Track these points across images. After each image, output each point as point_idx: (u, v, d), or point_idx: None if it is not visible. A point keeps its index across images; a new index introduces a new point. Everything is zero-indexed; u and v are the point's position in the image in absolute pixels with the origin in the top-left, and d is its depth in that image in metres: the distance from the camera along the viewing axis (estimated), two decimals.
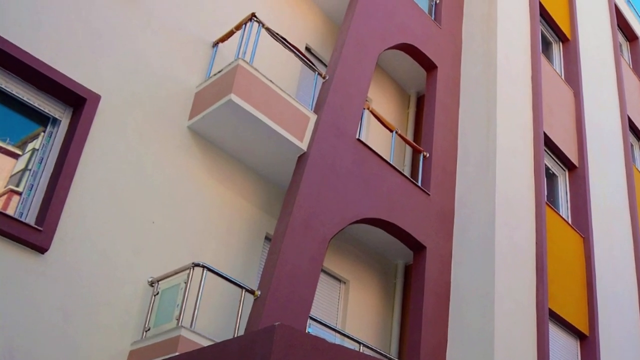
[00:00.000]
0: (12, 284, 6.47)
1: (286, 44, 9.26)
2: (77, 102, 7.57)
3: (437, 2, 12.48)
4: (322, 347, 5.92)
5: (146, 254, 7.60)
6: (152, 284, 7.50)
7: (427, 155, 10.70)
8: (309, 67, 9.52)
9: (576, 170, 12.97)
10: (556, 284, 10.83)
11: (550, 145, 12.46)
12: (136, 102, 8.05)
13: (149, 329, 7.22)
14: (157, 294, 7.42)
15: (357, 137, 9.47)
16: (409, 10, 11.49)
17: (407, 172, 11.30)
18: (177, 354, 6.63)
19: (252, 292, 7.60)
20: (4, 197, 7.04)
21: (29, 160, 7.30)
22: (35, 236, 6.67)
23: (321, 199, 8.55)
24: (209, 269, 7.35)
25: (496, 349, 8.97)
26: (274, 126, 8.42)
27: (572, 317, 11.06)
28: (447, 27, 12.27)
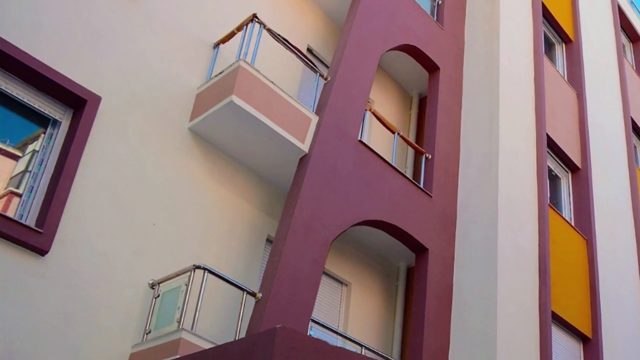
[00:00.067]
0: (12, 286, 6.45)
1: (287, 45, 9.25)
2: (78, 103, 7.56)
3: (440, 3, 12.46)
4: (323, 350, 5.94)
5: (147, 256, 7.59)
6: (152, 286, 7.49)
7: (429, 156, 10.68)
8: (311, 68, 9.51)
9: (579, 172, 12.94)
10: (559, 287, 10.80)
11: (553, 146, 12.43)
12: (137, 104, 8.04)
13: (149, 332, 7.20)
14: (158, 296, 7.40)
15: (359, 138, 9.45)
16: (411, 11, 11.47)
17: (409, 173, 11.28)
18: (178, 356, 6.61)
19: (253, 294, 7.58)
20: (4, 199, 7.03)
21: (29, 162, 7.28)
22: (35, 238, 6.65)
23: (323, 200, 8.53)
24: (210, 271, 7.33)
25: (499, 352, 8.95)
26: (275, 128, 8.40)
27: (575, 320, 11.04)
28: (449, 28, 12.25)
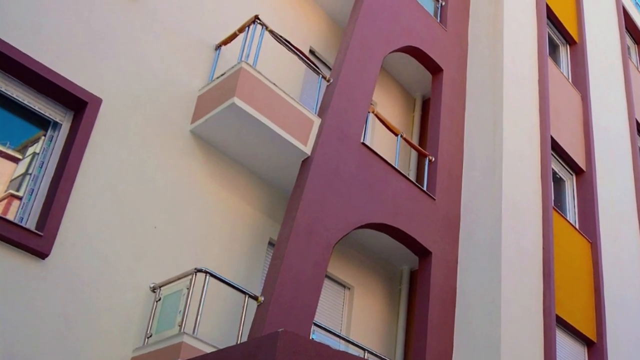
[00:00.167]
0: (12, 289, 6.44)
1: (290, 46, 9.24)
2: (78, 105, 7.54)
3: (443, 4, 12.42)
4: (326, 354, 5.95)
5: (148, 260, 7.57)
6: (154, 290, 7.47)
7: (433, 159, 10.66)
8: (313, 70, 9.50)
9: (584, 174, 12.90)
10: (563, 290, 10.77)
11: (557, 149, 12.40)
12: (138, 106, 8.02)
13: (150, 336, 7.18)
14: (159, 299, 7.38)
15: (362, 141, 9.43)
16: (414, 12, 11.44)
17: (412, 176, 11.26)
18: None
19: (255, 298, 7.56)
20: (4, 202, 7.01)
21: (30, 164, 7.26)
22: (35, 241, 6.63)
23: (325, 203, 8.51)
24: (212, 275, 7.31)
25: (503, 356, 8.92)
26: (277, 130, 8.38)
27: (580, 324, 11.00)
28: (452, 29, 12.22)
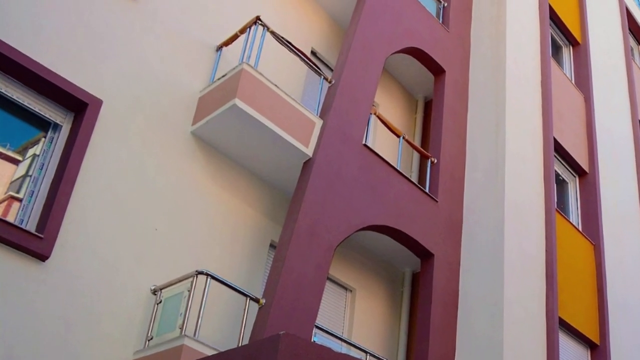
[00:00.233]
0: (12, 292, 6.42)
1: (291, 47, 9.22)
2: (79, 107, 7.52)
3: (445, 5, 12.40)
4: (328, 357, 5.93)
5: (149, 262, 7.55)
6: (154, 292, 7.45)
7: (435, 161, 10.63)
8: (315, 71, 9.48)
9: (587, 176, 12.88)
10: (566, 292, 10.75)
11: (560, 150, 12.38)
12: (139, 107, 8.01)
13: (151, 338, 7.16)
14: (160, 302, 7.36)
15: (364, 142, 9.40)
16: (417, 13, 11.42)
17: (414, 178, 11.24)
18: None
19: (256, 300, 7.55)
20: (4, 204, 7.00)
21: (30, 166, 7.25)
22: (35, 243, 6.62)
23: (327, 205, 8.49)
24: (213, 277, 7.29)
25: (505, 359, 8.90)
26: (279, 131, 8.36)
27: (583, 326, 10.98)
28: (455, 30, 12.19)
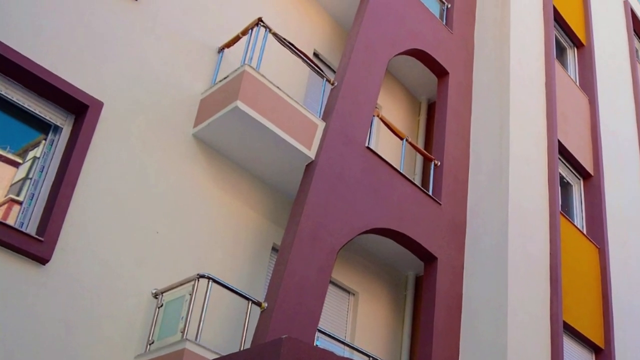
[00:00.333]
0: (12, 295, 6.41)
1: (293, 49, 9.21)
2: (79, 109, 7.51)
3: (449, 6, 12.37)
4: None
5: (150, 265, 7.54)
6: (156, 296, 7.43)
7: (439, 163, 10.60)
8: (317, 73, 9.47)
9: (591, 179, 12.84)
10: (571, 296, 10.70)
11: (564, 153, 12.34)
12: (140, 109, 8.00)
13: (152, 342, 7.15)
14: (161, 306, 7.34)
15: (367, 145, 9.39)
16: (420, 14, 11.39)
17: (417, 181, 11.22)
18: None
19: (258, 304, 7.53)
20: (4, 207, 7.00)
21: (30, 168, 7.24)
22: (36, 247, 6.60)
23: (330, 208, 8.46)
24: (215, 281, 7.27)
25: None
26: (281, 134, 8.34)
27: (587, 330, 10.94)
28: (458, 32, 12.16)
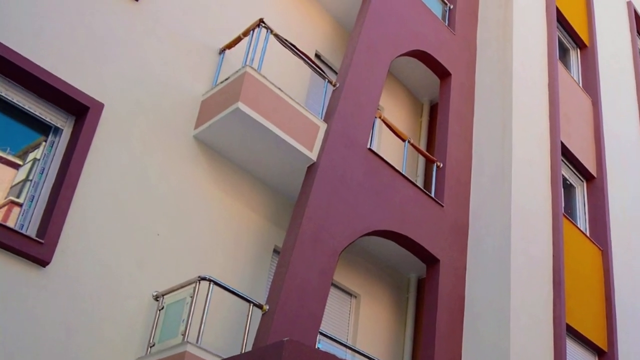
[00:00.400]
0: (12, 298, 6.39)
1: (295, 50, 9.19)
2: (80, 110, 7.50)
3: (451, 7, 12.35)
4: None
5: (151, 267, 7.52)
6: (156, 298, 7.41)
7: (441, 165, 10.57)
8: (319, 74, 9.46)
9: (594, 180, 12.80)
10: (574, 299, 10.67)
11: (567, 155, 12.30)
12: (140, 111, 7.98)
13: (153, 345, 7.12)
14: (162, 308, 7.33)
15: (369, 146, 9.36)
16: (422, 16, 11.36)
17: (420, 182, 11.18)
18: None
19: (260, 306, 7.52)
20: (4, 209, 6.98)
21: (30, 170, 7.23)
22: (36, 249, 6.58)
23: (331, 210, 8.43)
24: (216, 283, 7.25)
25: None
26: (282, 135, 8.32)
27: (590, 333, 10.90)
28: (461, 33, 12.13)
